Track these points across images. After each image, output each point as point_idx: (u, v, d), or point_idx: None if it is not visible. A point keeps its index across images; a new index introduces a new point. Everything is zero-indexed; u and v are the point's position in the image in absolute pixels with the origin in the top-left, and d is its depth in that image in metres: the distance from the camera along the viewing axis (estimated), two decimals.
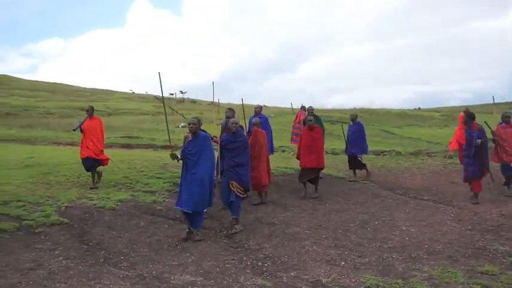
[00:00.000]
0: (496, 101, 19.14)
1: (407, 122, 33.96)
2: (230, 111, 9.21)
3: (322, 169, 10.16)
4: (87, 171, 9.31)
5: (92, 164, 9.28)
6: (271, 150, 10.86)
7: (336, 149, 16.87)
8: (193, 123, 6.87)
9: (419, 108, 49.46)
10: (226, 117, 8.83)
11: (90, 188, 8.88)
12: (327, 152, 16.71)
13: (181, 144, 8.08)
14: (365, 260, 6.00)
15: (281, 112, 34.88)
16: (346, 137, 12.16)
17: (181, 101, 50.63)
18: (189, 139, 7.01)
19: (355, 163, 11.85)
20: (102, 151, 9.52)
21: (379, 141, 24.02)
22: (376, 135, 26.18)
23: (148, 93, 48.23)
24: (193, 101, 51.21)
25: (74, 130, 9.81)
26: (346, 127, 12.41)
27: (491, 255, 6.12)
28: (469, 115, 9.14)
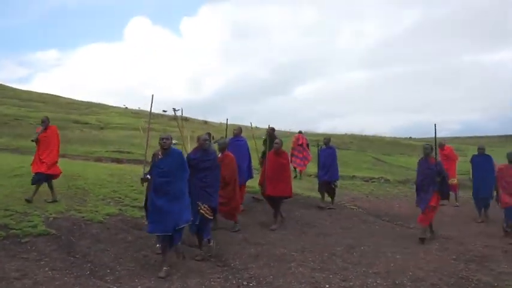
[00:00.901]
0: (486, 134, 19.56)
1: (398, 151, 34.22)
2: (206, 135, 8.10)
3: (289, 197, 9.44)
4: (33, 184, 8.77)
5: (42, 178, 8.83)
6: (249, 175, 10.13)
7: None
8: (167, 138, 6.33)
9: (410, 137, 49.93)
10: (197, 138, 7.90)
11: (25, 200, 8.29)
12: (315, 176, 16.86)
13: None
14: (349, 284, 6.05)
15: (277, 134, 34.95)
16: (318, 162, 11.58)
17: (174, 118, 50.64)
18: (160, 157, 6.36)
19: (327, 188, 11.24)
20: (56, 162, 9.10)
21: (369, 167, 24.18)
22: (366, 162, 26.36)
23: (141, 109, 48.11)
24: (186, 119, 51.28)
25: (32, 141, 9.24)
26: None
27: (473, 285, 6.20)
28: (432, 148, 8.63)
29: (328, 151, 11.50)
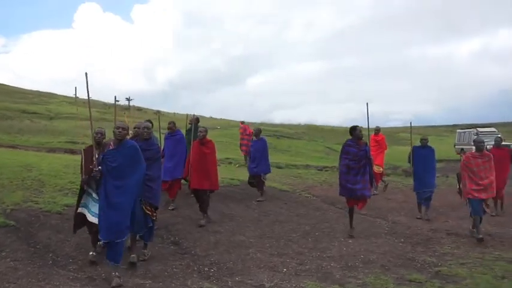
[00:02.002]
0: (437, 124, 20.43)
1: None
2: (147, 122, 7.42)
3: (215, 190, 8.84)
4: None
5: None
6: (181, 172, 9.32)
7: (280, 162, 17.37)
8: (123, 128, 5.55)
9: (361, 127, 51.35)
10: (134, 128, 7.28)
11: None
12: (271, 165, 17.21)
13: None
14: (305, 267, 6.40)
15: (229, 125, 35.30)
16: (248, 154, 11.03)
17: (127, 108, 49.96)
18: (111, 147, 5.56)
19: (257, 182, 10.75)
20: None
21: (322, 156, 24.85)
22: (319, 151, 27.03)
23: (92, 98, 47.25)
24: (139, 109, 50.63)
25: None
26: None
27: (419, 265, 6.67)
28: (360, 131, 8.42)
29: (259, 143, 10.97)
